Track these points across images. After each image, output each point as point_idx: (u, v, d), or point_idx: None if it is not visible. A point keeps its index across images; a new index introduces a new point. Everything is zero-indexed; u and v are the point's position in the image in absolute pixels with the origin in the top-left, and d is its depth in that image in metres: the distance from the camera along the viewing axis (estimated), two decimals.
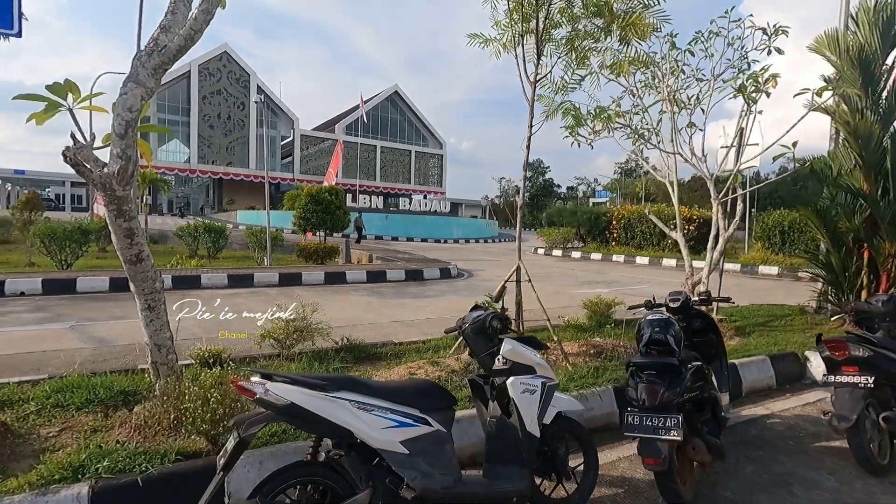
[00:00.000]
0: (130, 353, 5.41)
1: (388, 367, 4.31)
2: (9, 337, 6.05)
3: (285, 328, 4.30)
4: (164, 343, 2.91)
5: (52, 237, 12.02)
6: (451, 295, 10.56)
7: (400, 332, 6.79)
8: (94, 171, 2.37)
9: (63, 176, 49.65)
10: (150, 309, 2.82)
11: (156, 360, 2.91)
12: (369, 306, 8.92)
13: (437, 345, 5.10)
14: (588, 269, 17.22)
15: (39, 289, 9.30)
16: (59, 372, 4.37)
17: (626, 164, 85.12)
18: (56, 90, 2.39)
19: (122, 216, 2.51)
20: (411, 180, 59.34)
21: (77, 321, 6.98)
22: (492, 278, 13.83)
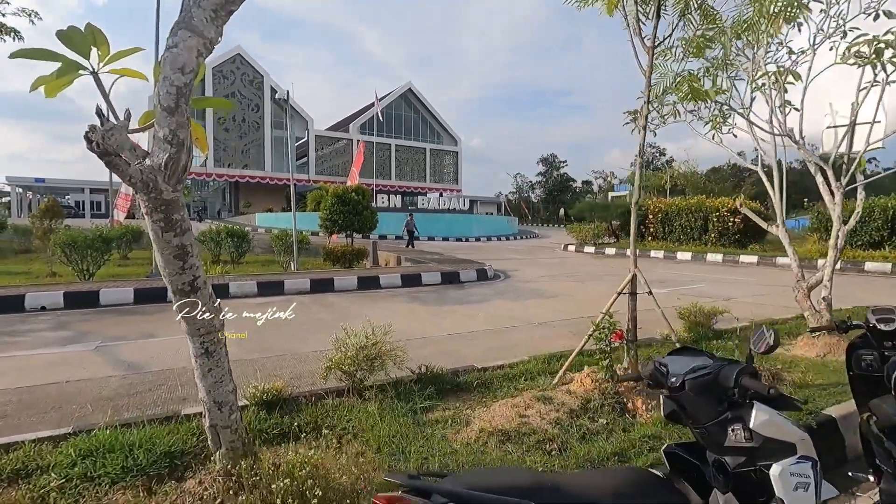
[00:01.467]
0: (166, 384, 4.68)
1: (483, 404, 3.49)
2: (28, 362, 5.37)
3: (355, 357, 3.50)
4: (227, 399, 2.12)
5: (73, 246, 11.46)
6: (498, 299, 9.72)
7: (463, 348, 5.97)
8: (131, 165, 1.61)
9: (82, 183, 49.82)
10: (208, 354, 2.03)
11: (215, 422, 2.13)
12: (414, 315, 8.13)
13: (529, 370, 4.27)
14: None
15: (61, 303, 8.69)
16: (85, 419, 3.64)
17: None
18: (72, 40, 1.59)
19: (171, 229, 1.73)
20: (427, 178, 58.58)
21: (102, 340, 6.30)
22: (533, 279, 12.97)
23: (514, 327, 7.17)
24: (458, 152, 61.58)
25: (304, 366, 5.23)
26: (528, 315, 8.06)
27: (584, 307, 8.75)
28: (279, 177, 47.61)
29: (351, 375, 3.53)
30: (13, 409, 4.05)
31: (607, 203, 23.84)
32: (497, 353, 5.71)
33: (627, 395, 3.39)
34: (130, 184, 1.64)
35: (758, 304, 8.70)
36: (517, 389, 3.75)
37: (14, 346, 6.08)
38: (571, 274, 14.29)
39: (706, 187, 36.04)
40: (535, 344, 6.13)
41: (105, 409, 4.05)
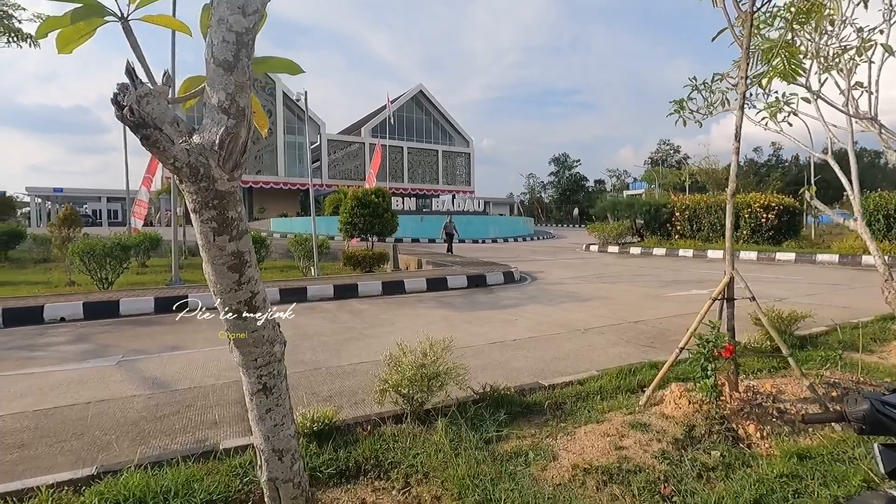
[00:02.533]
0: (195, 404, 4.26)
1: (564, 431, 3.00)
2: (46, 381, 4.99)
3: (414, 377, 3.03)
4: (288, 446, 1.67)
5: (92, 255, 11.19)
6: (532, 304, 9.21)
7: (511, 359, 5.48)
8: (175, 143, 1.17)
9: (99, 192, 50.30)
10: (267, 391, 1.58)
11: (275, 475, 1.68)
12: (448, 323, 7.65)
13: (603, 388, 3.76)
14: (660, 267, 15.61)
15: (81, 313, 8.38)
16: (109, 450, 3.22)
17: (656, 153, 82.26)
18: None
19: (226, 230, 1.29)
20: (440, 180, 58.18)
21: (124, 355, 5.92)
22: (562, 281, 12.43)
23: (559, 335, 6.66)
24: (470, 154, 61.09)
25: (344, 381, 4.78)
26: (570, 320, 7.54)
27: (627, 311, 8.22)
28: (293, 181, 47.57)
29: (409, 399, 3.06)
30: (31, 436, 3.65)
31: (631, 200, 23.14)
32: (551, 365, 5.21)
33: (737, 421, 2.88)
34: (174, 169, 1.20)
35: (818, 305, 8.07)
36: (599, 412, 3.25)
37: (32, 361, 5.73)
38: (600, 275, 13.71)
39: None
40: (589, 354, 5.63)
41: (130, 435, 3.64)
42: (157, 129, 1.16)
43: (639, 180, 65.91)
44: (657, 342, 6.12)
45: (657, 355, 5.42)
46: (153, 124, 1.15)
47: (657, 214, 21.38)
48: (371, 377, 4.92)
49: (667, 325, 7.04)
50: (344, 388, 4.58)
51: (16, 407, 4.24)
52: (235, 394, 4.48)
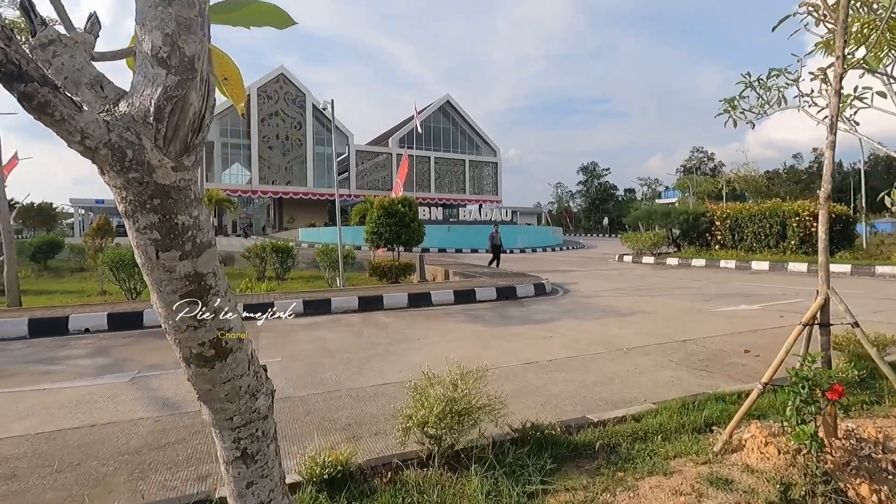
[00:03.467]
0: (202, 431, 3.91)
1: (623, 484, 2.48)
2: (56, 399, 4.75)
3: (443, 413, 2.56)
4: None
5: (121, 264, 11.23)
6: (567, 318, 8.63)
7: (549, 383, 4.95)
8: (81, 110, 0.77)
9: None
10: (247, 459, 1.17)
11: None
12: (479, 339, 7.16)
13: (663, 426, 3.20)
14: (701, 279, 14.71)
15: (105, 324, 8.27)
16: (105, 485, 2.87)
17: (689, 160, 79.97)
18: None
19: (174, 243, 0.89)
20: (466, 190, 57.94)
21: (139, 370, 5.67)
22: (596, 294, 11.77)
23: (600, 354, 6.09)
24: (497, 163, 60.70)
25: (365, 407, 4.36)
26: (610, 338, 6.95)
27: (672, 327, 7.56)
28: (321, 192, 48.11)
29: (437, 439, 2.60)
30: (26, 465, 3.35)
31: (667, 209, 22.16)
32: (595, 391, 4.66)
33: (844, 479, 2.31)
34: (85, 151, 0.80)
35: (888, 324, 7.22)
36: (664, 458, 2.71)
37: (47, 377, 5.53)
38: (637, 287, 12.96)
39: (770, 191, 33.41)
40: (636, 379, 5.05)
41: (129, 467, 3.30)
42: (47, 85, 0.77)
43: (671, 189, 64.02)
44: (712, 365, 5.48)
45: (715, 381, 4.80)
46: (38, 77, 0.75)
47: (696, 223, 20.35)
48: (395, 402, 4.48)
49: (719, 346, 6.38)
50: (364, 416, 4.15)
51: (18, 429, 3.98)
52: None
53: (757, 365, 5.44)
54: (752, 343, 6.44)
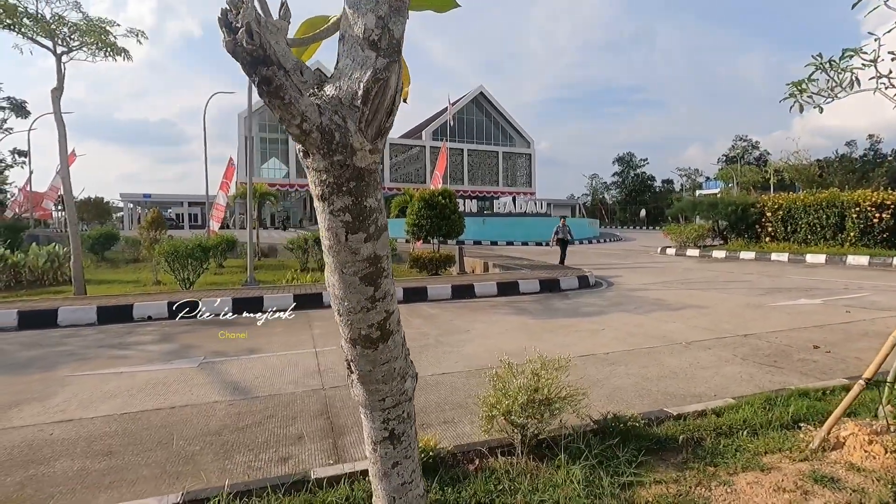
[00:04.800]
0: (276, 415, 4.04)
1: (716, 478, 2.41)
2: (134, 381, 5.01)
3: (526, 402, 2.56)
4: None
5: (176, 255, 11.72)
6: (616, 312, 8.46)
7: (610, 376, 4.88)
8: (302, 93, 0.80)
9: (181, 197, 54.06)
10: (394, 439, 1.19)
11: None
12: (528, 331, 7.12)
13: (748, 421, 3.10)
14: (752, 272, 14.14)
15: (165, 313, 8.64)
16: (194, 464, 3.01)
17: (732, 149, 76.77)
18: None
19: (362, 225, 0.91)
20: (500, 182, 57.54)
21: (205, 356, 5.91)
22: (642, 287, 11.49)
23: (657, 348, 5.95)
24: (531, 154, 59.96)
25: (427, 395, 4.41)
26: (665, 332, 6.78)
27: (730, 322, 7.30)
28: None
29: (522, 428, 2.60)
30: (119, 442, 3.56)
31: (713, 200, 21.35)
32: (659, 385, 4.56)
33: None
34: (300, 134, 0.83)
35: None
36: (754, 454, 2.63)
37: (122, 361, 5.84)
38: (685, 281, 12.58)
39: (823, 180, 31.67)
40: (700, 374, 4.91)
41: (214, 447, 3.45)
42: (280, 67, 0.79)
43: (713, 179, 61.73)
44: (781, 361, 5.27)
45: (788, 378, 4.62)
46: (276, 60, 0.78)
47: (744, 215, 19.53)
48: (456, 392, 4.52)
49: (786, 341, 6.12)
50: (429, 404, 4.19)
51: (106, 409, 4.23)
52: (316, 405, 4.24)
53: (829, 361, 5.21)
54: (819, 339, 6.16)
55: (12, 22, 10.21)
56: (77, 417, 4.05)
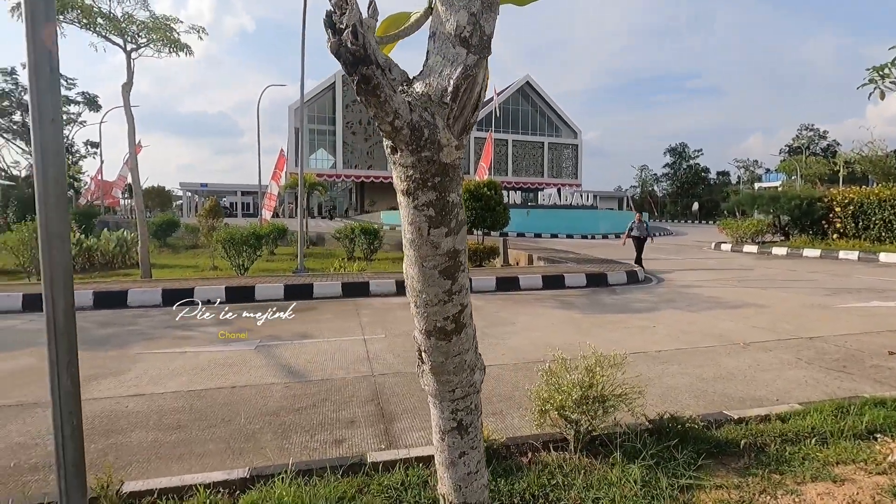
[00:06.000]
0: (329, 398, 4.19)
1: (783, 487, 2.31)
2: (197, 361, 5.32)
3: (582, 397, 2.53)
4: (482, 500, 1.29)
5: (232, 242, 12.29)
6: (667, 308, 8.18)
7: (664, 375, 4.74)
8: (395, 91, 0.82)
9: (235, 187, 56.48)
10: (462, 430, 1.22)
11: None
12: (575, 326, 7.01)
13: (816, 428, 2.94)
14: (817, 271, 13.28)
15: (223, 296, 9.10)
16: (255, 442, 3.17)
17: (796, 139, 71.91)
18: None
19: (444, 220, 0.93)
20: (544, 173, 56.53)
21: (261, 340, 6.18)
22: (696, 284, 11.03)
23: (713, 348, 5.72)
24: (577, 145, 58.49)
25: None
26: (721, 331, 6.50)
27: (792, 323, 6.91)
28: None
29: (575, 423, 2.58)
30: (187, 418, 3.80)
31: (775, 194, 20.14)
32: (715, 386, 4.39)
33: None
34: (391, 130, 0.85)
35: None
36: (824, 464, 2.49)
37: (186, 341, 6.20)
38: (742, 279, 11.98)
39: None
40: (760, 377, 4.68)
41: (272, 427, 3.62)
42: (380, 67, 0.81)
43: (774, 171, 58.15)
44: (851, 367, 4.95)
45: (859, 385, 4.34)
46: (375, 60, 0.81)
47: (810, 210, 18.30)
48: (503, 384, 4.52)
49: (856, 345, 5.74)
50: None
51: (174, 386, 4.51)
52: (366, 391, 4.36)
53: None
54: (870, 344, 5.74)
55: (88, 21, 10.92)
56: (149, 392, 4.35)
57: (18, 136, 35.42)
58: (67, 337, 1.19)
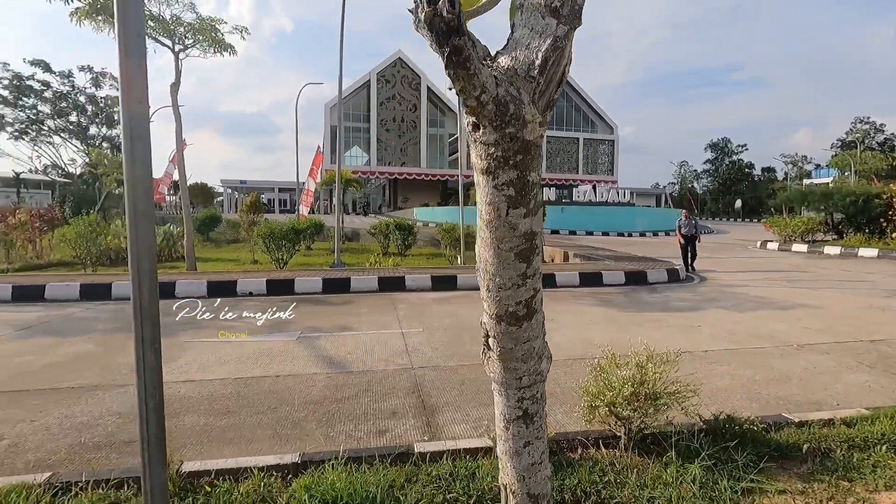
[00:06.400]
0: (370, 389, 4.23)
1: (857, 497, 2.18)
2: (242, 350, 5.48)
3: (633, 394, 2.46)
4: (545, 491, 1.27)
5: (272, 237, 12.61)
6: (712, 308, 7.88)
7: (713, 376, 4.57)
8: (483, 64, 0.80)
9: (273, 184, 58.03)
10: (527, 419, 1.20)
11: None
12: (615, 324, 6.85)
13: (886, 435, 2.76)
14: (874, 272, 12.53)
15: (264, 289, 9.35)
16: (301, 429, 3.23)
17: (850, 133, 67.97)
18: None
19: (523, 200, 0.91)
20: (579, 169, 55.50)
21: (302, 331, 6.32)
22: (741, 283, 10.58)
23: (764, 349, 5.47)
24: (614, 141, 57.13)
25: None
26: (771, 332, 6.21)
27: (850, 325, 6.54)
28: (433, 172, 49.45)
29: (627, 421, 2.51)
30: (235, 404, 3.92)
31: (827, 190, 19.11)
32: (769, 389, 4.20)
33: None
34: (477, 106, 0.83)
35: None
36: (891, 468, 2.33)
37: (231, 331, 6.40)
38: (792, 279, 11.42)
39: None
40: (817, 380, 4.45)
41: (317, 415, 3.69)
42: (470, 39, 0.80)
43: (825, 167, 55.19)
44: None
45: None
46: (467, 31, 0.79)
47: (866, 207, 17.26)
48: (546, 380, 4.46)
49: None
50: None
51: (221, 373, 4.66)
52: (407, 383, 4.39)
53: None
54: None
55: None
56: (198, 379, 4.51)
57: (74, 136, 37.43)
58: (151, 316, 1.24)
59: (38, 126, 34.98)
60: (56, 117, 35.63)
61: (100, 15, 10.62)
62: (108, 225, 15.52)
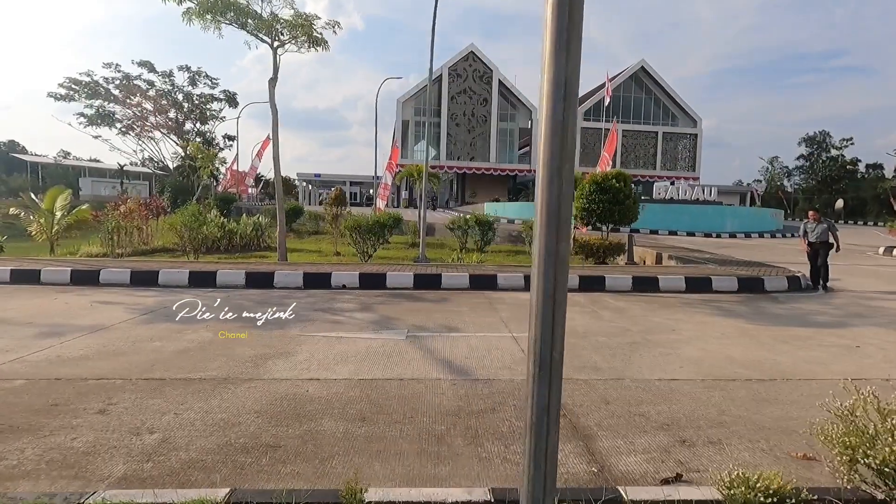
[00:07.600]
0: (505, 402, 3.90)
1: None
2: (356, 347, 5.33)
3: None
4: None
5: (358, 230, 12.69)
6: (864, 324, 6.84)
7: None
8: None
9: (344, 177, 59.83)
10: None
11: None
12: (752, 338, 6.07)
13: None
14: None
15: (357, 283, 9.32)
16: (452, 448, 2.92)
17: None
18: None
19: None
20: (657, 165, 52.51)
21: (409, 330, 6.11)
22: (879, 295, 9.21)
23: None
24: (696, 135, 53.47)
25: (669, 405, 3.88)
26: None
27: None
28: (502, 167, 48.75)
29: None
30: (368, 409, 3.71)
31: None
32: None
33: None
34: None
35: None
36: None
37: (338, 326, 6.32)
38: None
39: None
40: None
41: (458, 429, 3.38)
42: None
43: None
44: None
45: None
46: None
47: None
48: (699, 404, 3.89)
49: None
50: (677, 416, 3.65)
51: (344, 373, 4.50)
52: None
53: None
54: None
55: (242, 22, 11.77)
56: (322, 378, 4.37)
57: (172, 132, 40.41)
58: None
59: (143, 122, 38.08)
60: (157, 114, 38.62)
61: (209, 14, 11.05)
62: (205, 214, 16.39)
